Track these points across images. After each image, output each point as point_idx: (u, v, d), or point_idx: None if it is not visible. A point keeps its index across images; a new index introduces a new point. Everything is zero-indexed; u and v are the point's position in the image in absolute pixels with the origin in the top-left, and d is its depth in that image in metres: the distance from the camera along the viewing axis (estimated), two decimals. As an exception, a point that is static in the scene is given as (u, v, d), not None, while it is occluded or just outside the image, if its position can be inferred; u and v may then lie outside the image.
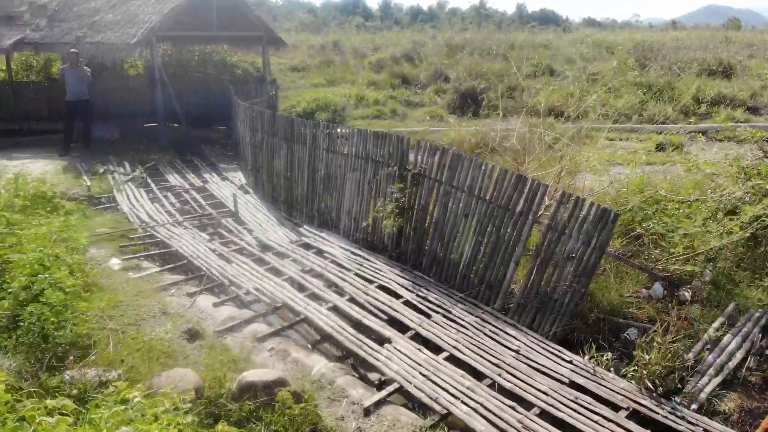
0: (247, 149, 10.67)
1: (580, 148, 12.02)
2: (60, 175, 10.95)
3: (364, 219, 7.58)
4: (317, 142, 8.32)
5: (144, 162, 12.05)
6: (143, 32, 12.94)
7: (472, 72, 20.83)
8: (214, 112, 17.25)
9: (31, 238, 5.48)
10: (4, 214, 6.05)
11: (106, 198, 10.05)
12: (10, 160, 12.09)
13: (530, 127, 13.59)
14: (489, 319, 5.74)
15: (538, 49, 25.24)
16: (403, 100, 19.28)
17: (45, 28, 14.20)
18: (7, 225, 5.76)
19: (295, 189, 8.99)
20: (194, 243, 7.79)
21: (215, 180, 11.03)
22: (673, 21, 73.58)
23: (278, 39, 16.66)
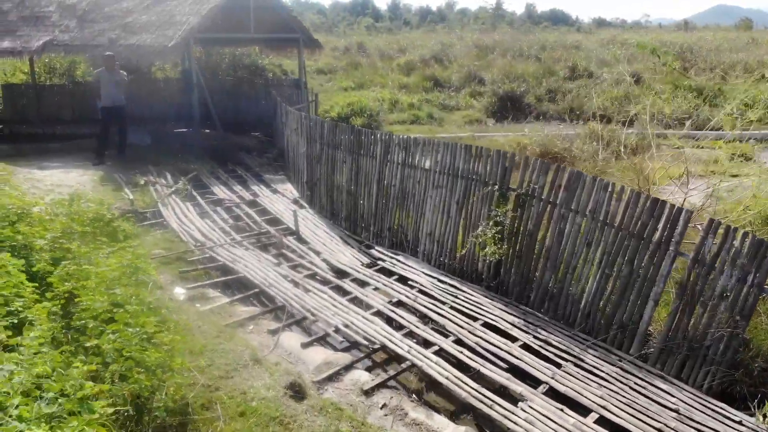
0: (300, 160, 9.87)
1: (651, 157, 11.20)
2: (98, 187, 10.18)
3: (449, 242, 6.76)
4: (390, 156, 7.51)
5: (185, 172, 11.26)
6: (181, 34, 12.17)
7: (507, 74, 20.01)
8: (247, 118, 16.50)
9: (103, 274, 4.69)
10: (66, 245, 5.27)
11: (150, 213, 9.27)
12: (41, 170, 11.34)
13: (591, 133, 12.78)
14: (629, 368, 4.93)
15: (569, 50, 24.37)
16: (439, 104, 18.48)
17: (75, 29, 13.44)
18: (73, 259, 4.97)
19: (361, 205, 8.19)
20: (261, 267, 6.99)
21: (265, 193, 10.23)
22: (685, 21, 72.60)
23: (315, 41, 15.86)
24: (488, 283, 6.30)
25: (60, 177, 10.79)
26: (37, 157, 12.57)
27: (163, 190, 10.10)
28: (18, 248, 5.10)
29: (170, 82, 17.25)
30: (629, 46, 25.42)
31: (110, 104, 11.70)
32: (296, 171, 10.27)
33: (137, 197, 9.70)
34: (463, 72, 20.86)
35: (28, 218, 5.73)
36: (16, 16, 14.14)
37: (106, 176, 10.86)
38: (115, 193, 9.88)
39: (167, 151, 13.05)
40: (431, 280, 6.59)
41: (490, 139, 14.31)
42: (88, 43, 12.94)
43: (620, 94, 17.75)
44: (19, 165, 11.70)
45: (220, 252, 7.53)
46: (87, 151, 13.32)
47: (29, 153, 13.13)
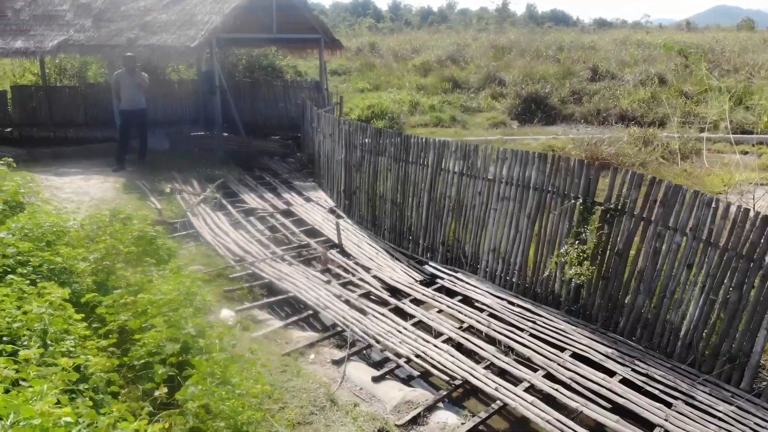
0: (336, 167, 9.30)
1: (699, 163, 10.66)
2: (121, 195, 9.60)
3: (517, 260, 6.21)
4: (445, 164, 6.95)
5: (211, 179, 10.68)
6: (204, 34, 11.59)
7: (528, 75, 19.46)
8: (266, 121, 15.94)
9: (159, 304, 4.13)
10: (111, 267, 4.71)
11: (180, 223, 8.70)
12: (59, 177, 10.76)
13: (629, 137, 12.23)
14: (747, 407, 4.38)
15: (586, 50, 23.84)
16: (460, 106, 17.92)
17: (90, 28, 12.85)
18: (126, 287, 4.41)
19: (408, 217, 7.63)
20: (311, 285, 6.42)
21: (299, 202, 9.66)
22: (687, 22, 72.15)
23: (336, 42, 15.29)
24: (568, 307, 5.74)
25: (80, 184, 10.22)
26: (53, 162, 12.00)
27: (191, 199, 9.53)
28: (57, 272, 4.53)
29: (185, 83, 16.67)
30: (646, 47, 24.93)
31: (131, 108, 11.12)
32: (331, 178, 9.70)
33: (164, 206, 9.13)
34: (482, 73, 20.30)
35: (66, 236, 5.16)
36: (29, 15, 13.55)
37: (128, 183, 10.28)
38: (140, 202, 9.30)
39: (188, 157, 12.48)
40: (500, 302, 6.02)
41: (520, 142, 13.77)
42: (105, 43, 12.35)
43: (646, 96, 17.22)
44: (35, 171, 11.10)
45: (263, 268, 6.96)
46: (103, 155, 12.75)
47: (43, 158, 12.56)
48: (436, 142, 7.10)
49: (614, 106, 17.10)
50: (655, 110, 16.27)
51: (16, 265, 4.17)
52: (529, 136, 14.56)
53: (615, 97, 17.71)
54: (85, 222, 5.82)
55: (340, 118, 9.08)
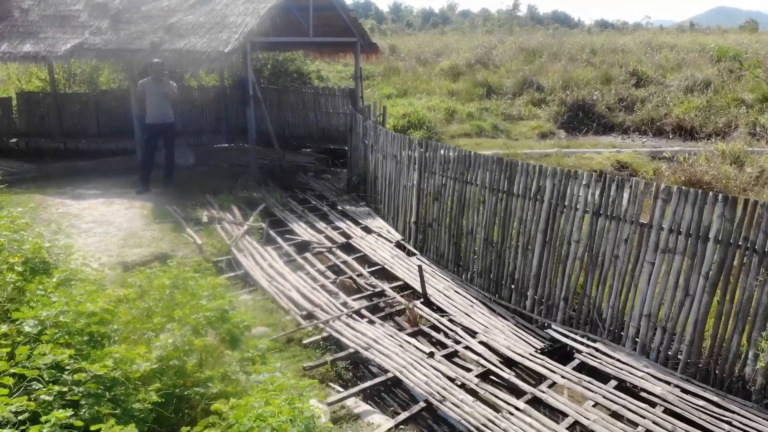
0: (403, 194, 7.84)
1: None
2: (152, 226, 8.12)
3: (688, 332, 4.74)
4: (570, 199, 5.49)
5: (249, 203, 9.20)
6: (238, 38, 10.10)
7: (567, 80, 18.02)
8: (294, 132, 14.49)
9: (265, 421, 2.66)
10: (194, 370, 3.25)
11: (225, 262, 7.23)
12: (76, 200, 9.26)
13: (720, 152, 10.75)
14: None
15: (618, 53, 22.40)
16: (500, 113, 16.45)
17: (108, 31, 11.34)
18: (206, 400, 2.93)
19: (510, 261, 6.17)
20: (410, 360, 4.95)
21: (358, 233, 8.18)
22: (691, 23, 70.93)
23: (373, 45, 13.81)
24: (763, 395, 4.29)
25: (101, 211, 8.73)
26: (67, 181, 10.50)
27: (233, 230, 8.05)
28: (107, 382, 3.07)
29: (206, 90, 15.21)
30: (680, 50, 23.51)
31: (157, 121, 9.63)
32: (394, 206, 8.22)
33: (204, 240, 7.65)
34: (517, 77, 18.82)
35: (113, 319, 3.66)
36: (38, 15, 12.05)
37: (157, 210, 8.79)
38: (175, 234, 7.82)
39: (218, 174, 11.00)
40: (671, 389, 4.56)
41: (581, 155, 12.33)
42: (125, 48, 10.85)
43: (701, 104, 15.78)
44: (47, 193, 9.64)
45: (340, 329, 5.49)
46: (122, 171, 11.28)
47: (56, 175, 11.07)
48: (555, 171, 5.64)
49: (666, 114, 15.66)
50: (714, 120, 14.83)
51: (54, 396, 2.69)
52: (588, 148, 13.10)
53: (665, 104, 16.27)
54: (133, 283, 4.32)
55: (412, 138, 7.61)
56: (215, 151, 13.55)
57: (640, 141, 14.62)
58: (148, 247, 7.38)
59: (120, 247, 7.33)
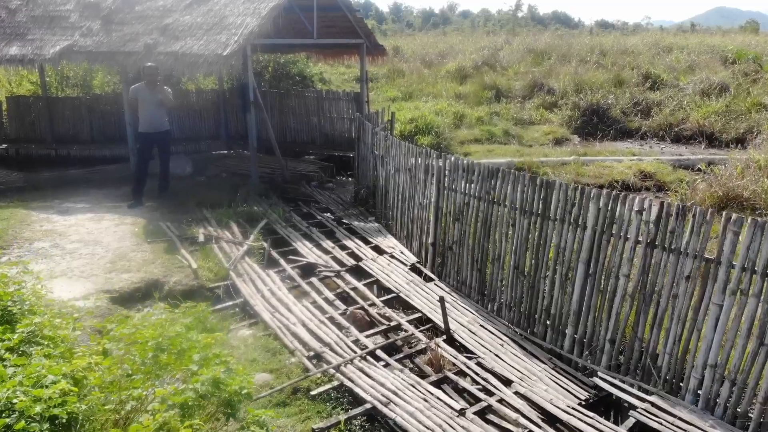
0: (418, 212, 7.09)
1: None
2: (143, 246, 7.37)
3: (761, 386, 4.01)
4: (620, 227, 4.74)
5: (250, 218, 8.46)
6: (238, 39, 9.35)
7: (579, 83, 17.28)
8: (297, 138, 13.75)
9: None
10: None
11: (223, 289, 6.49)
12: (63, 216, 8.51)
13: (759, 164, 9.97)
14: None
15: (629, 55, 21.66)
16: (511, 118, 15.70)
17: (100, 32, 10.59)
18: None
19: (545, 293, 5.43)
20: (438, 420, 4.20)
21: (368, 254, 7.42)
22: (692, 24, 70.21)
23: (379, 47, 13.06)
24: None
25: (89, 228, 7.98)
26: (55, 193, 9.75)
27: (232, 250, 7.30)
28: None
29: (203, 94, 14.46)
30: (690, 51, 22.80)
31: (150, 130, 8.89)
32: (407, 224, 7.48)
33: (200, 262, 6.90)
34: (526, 80, 18.06)
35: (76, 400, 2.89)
36: (26, 15, 11.29)
37: (150, 227, 8.04)
38: (168, 256, 7.07)
39: (217, 185, 10.25)
40: (749, 459, 3.82)
41: (600, 164, 11.58)
42: (117, 50, 10.09)
43: (720, 108, 15.04)
44: (33, 207, 8.89)
45: (355, 378, 4.74)
46: (115, 181, 10.58)
47: (44, 186, 10.32)
48: (601, 193, 4.88)
49: (684, 119, 14.92)
50: (734, 125, 14.09)
51: None
52: (607, 156, 12.35)
53: (682, 108, 15.53)
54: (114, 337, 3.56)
55: (429, 151, 6.85)
56: (214, 158, 12.81)
57: (659, 148, 13.87)
58: (137, 271, 6.64)
59: (107, 272, 6.60)
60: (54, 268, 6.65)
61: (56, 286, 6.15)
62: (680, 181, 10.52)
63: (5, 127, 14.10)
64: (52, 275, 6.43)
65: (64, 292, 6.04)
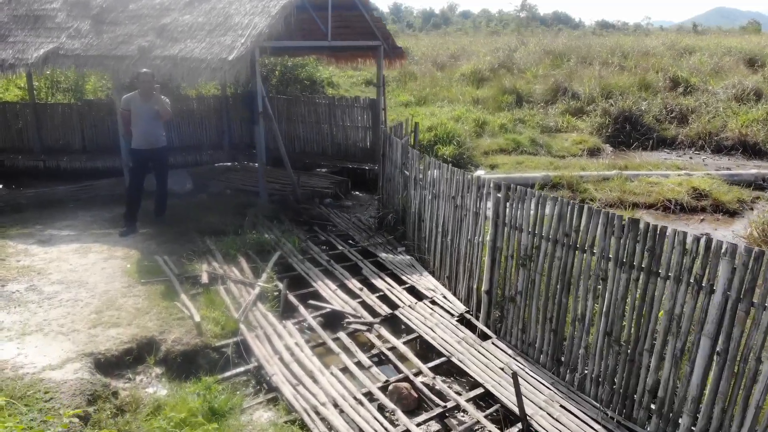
0: (467, 250, 5.83)
1: None
2: (136, 289, 6.09)
3: None
4: (762, 296, 3.50)
5: (260, 248, 7.18)
6: (245, 42, 8.09)
7: (605, 87, 16.02)
8: (306, 147, 12.51)
9: None
10: None
11: (233, 347, 5.22)
12: (43, 246, 7.22)
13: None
14: None
15: (650, 57, 20.41)
16: (536, 125, 14.44)
17: (89, 33, 9.30)
18: None
19: (651, 370, 4.18)
20: None
21: (404, 299, 6.14)
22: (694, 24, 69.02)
23: (398, 50, 11.80)
24: None
25: (73, 264, 6.69)
26: (39, 216, 8.47)
27: (241, 293, 6.04)
28: None
29: (204, 100, 13.18)
30: (712, 53, 21.60)
31: (145, 146, 7.60)
32: (451, 263, 6.21)
33: (203, 311, 5.63)
34: (549, 84, 16.79)
35: None
36: (8, 15, 9.99)
37: (143, 261, 6.76)
38: (166, 303, 5.79)
39: (221, 205, 8.97)
40: None
41: (645, 180, 10.32)
42: (108, 54, 8.81)
43: (760, 116, 13.81)
44: (11, 234, 7.59)
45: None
46: (106, 200, 9.35)
47: (27, 206, 9.04)
48: (735, 248, 3.63)
49: (723, 127, 13.68)
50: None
51: None
52: (651, 170, 11.09)
53: (718, 115, 14.29)
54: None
55: (483, 178, 5.58)
56: (217, 172, 11.54)
57: (700, 159, 12.63)
58: (128, 325, 5.37)
59: (92, 326, 5.33)
60: (28, 321, 5.40)
61: (29, 346, 4.95)
62: (739, 201, 9.29)
63: (-11, 136, 12.84)
64: (25, 330, 5.20)
65: (38, 356, 4.82)
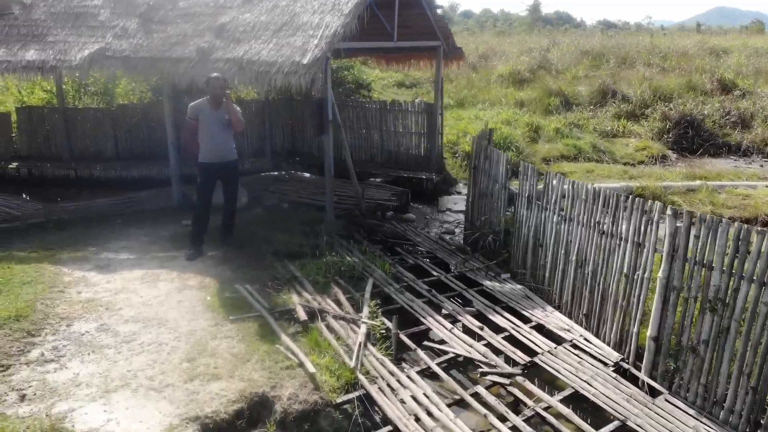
0: (621, 287, 5.01)
1: None
2: (226, 327, 5.25)
3: None
4: None
5: (347, 273, 6.34)
6: (319, 43, 7.27)
7: (655, 90, 15.23)
8: (357, 155, 11.67)
9: None
10: None
11: (356, 403, 4.38)
12: (103, 273, 6.36)
13: None
14: None
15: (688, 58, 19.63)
16: (593, 130, 13.64)
17: (137, 33, 8.45)
18: None
19: None
20: None
21: (532, 338, 5.31)
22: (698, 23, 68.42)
23: (457, 50, 11.01)
24: None
25: (144, 296, 5.84)
26: (86, 235, 7.62)
27: (347, 333, 5.19)
28: None
29: (246, 105, 12.31)
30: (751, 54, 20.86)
31: (215, 159, 6.74)
32: (592, 300, 5.38)
33: (312, 357, 4.78)
34: (594, 86, 15.99)
35: None
36: (45, 12, 9.13)
37: (224, 291, 5.92)
38: (265, 346, 4.95)
39: (284, 221, 8.15)
40: None
41: (732, 191, 9.53)
42: (162, 56, 7.96)
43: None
44: (62, 259, 6.72)
45: None
46: (155, 215, 8.56)
47: (69, 222, 8.16)
48: None
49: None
50: None
51: None
52: (734, 181, 10.30)
53: (781, 119, 13.53)
54: None
55: (649, 203, 4.76)
56: (264, 182, 10.69)
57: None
58: (230, 377, 4.53)
59: (187, 379, 4.48)
60: (109, 372, 4.56)
61: (118, 408, 4.13)
62: None
63: (15, 142, 11.96)
64: (108, 386, 4.37)
65: (133, 422, 4.00)
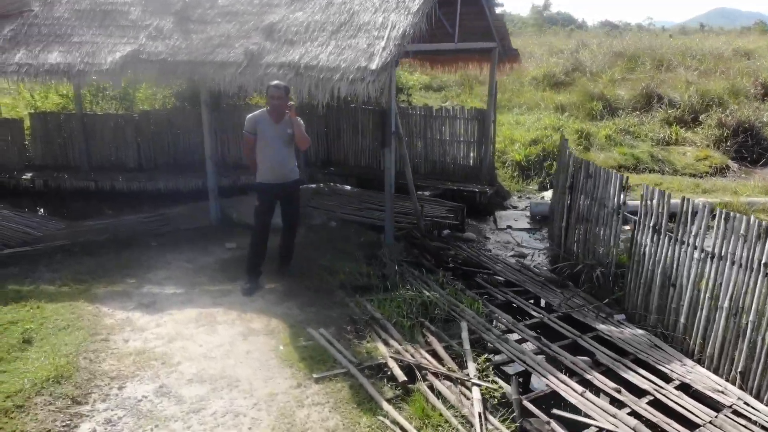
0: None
1: None
2: (311, 389, 4.34)
3: None
4: None
5: (435, 314, 5.43)
6: (387, 45, 6.37)
7: (703, 94, 14.36)
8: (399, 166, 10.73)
9: None
10: None
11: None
12: (150, 314, 5.44)
13: None
14: None
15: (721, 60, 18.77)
16: (645, 136, 12.75)
17: (173, 33, 7.52)
18: None
19: None
20: None
21: (684, 403, 4.40)
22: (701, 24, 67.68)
23: (513, 52, 10.10)
24: None
25: (203, 344, 4.91)
26: (120, 261, 6.68)
27: (457, 398, 4.27)
28: None
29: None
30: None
31: (276, 179, 5.83)
32: (747, 354, 4.48)
33: (424, 430, 3.87)
34: (637, 89, 15.11)
35: None
36: (69, 10, 8.19)
37: (297, 339, 4.99)
38: (368, 418, 4.03)
39: (337, 243, 7.25)
40: None
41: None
42: (204, 59, 7.03)
43: None
44: (99, 295, 5.78)
45: None
46: (192, 236, 7.63)
47: (98, 246, 7.19)
48: None
49: None
50: None
51: None
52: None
53: None
54: None
55: None
56: (304, 196, 9.73)
57: None
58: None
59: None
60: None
61: None
62: None
63: (28, 151, 11.03)
64: None
65: None
